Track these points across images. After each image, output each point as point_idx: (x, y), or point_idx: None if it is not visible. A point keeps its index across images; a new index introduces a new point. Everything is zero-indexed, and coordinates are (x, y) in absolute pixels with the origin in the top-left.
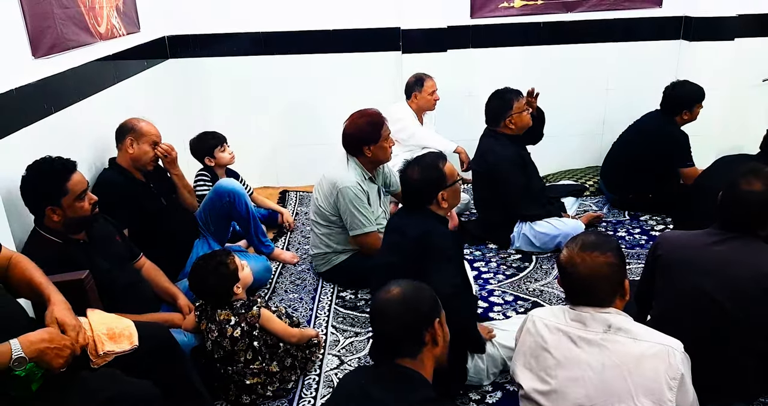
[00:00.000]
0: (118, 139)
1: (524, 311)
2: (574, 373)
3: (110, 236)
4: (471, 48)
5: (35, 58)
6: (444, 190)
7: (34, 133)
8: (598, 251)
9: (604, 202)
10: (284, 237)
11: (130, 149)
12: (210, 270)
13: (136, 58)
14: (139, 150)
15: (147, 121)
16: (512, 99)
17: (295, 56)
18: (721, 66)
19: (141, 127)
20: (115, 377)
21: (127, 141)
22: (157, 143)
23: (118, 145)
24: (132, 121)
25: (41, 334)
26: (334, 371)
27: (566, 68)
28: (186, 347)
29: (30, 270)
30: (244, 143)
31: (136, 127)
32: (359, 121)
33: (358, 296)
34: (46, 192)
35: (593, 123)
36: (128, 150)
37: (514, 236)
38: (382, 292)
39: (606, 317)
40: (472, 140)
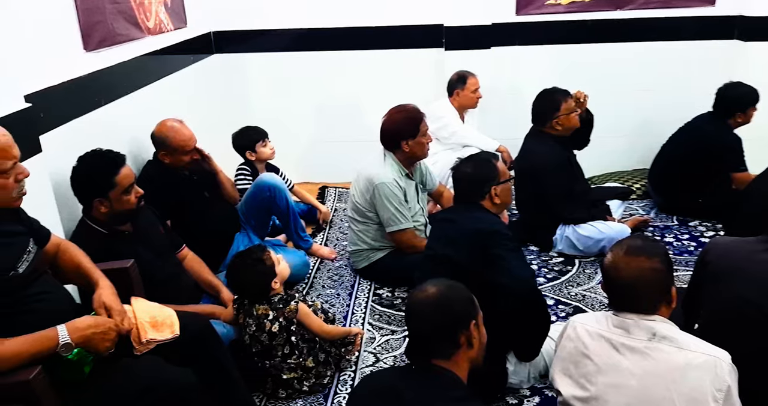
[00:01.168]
0: (155, 146)
1: (565, 315)
2: (614, 380)
3: (154, 227)
4: (515, 45)
5: (86, 51)
6: (496, 185)
7: (84, 125)
8: (645, 255)
9: (651, 206)
10: (323, 233)
11: (166, 160)
12: (247, 268)
13: (182, 53)
14: (173, 160)
15: (176, 126)
16: (560, 99)
17: (337, 53)
18: None
19: (171, 142)
20: (156, 365)
21: (161, 154)
22: (188, 151)
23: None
24: (162, 131)
25: (87, 320)
26: (369, 368)
27: (614, 67)
28: (225, 339)
29: (78, 257)
30: (284, 139)
31: (166, 142)
32: (397, 116)
33: (395, 294)
34: (94, 185)
35: (641, 124)
36: (165, 160)
37: (557, 239)
38: (418, 291)
39: (650, 324)
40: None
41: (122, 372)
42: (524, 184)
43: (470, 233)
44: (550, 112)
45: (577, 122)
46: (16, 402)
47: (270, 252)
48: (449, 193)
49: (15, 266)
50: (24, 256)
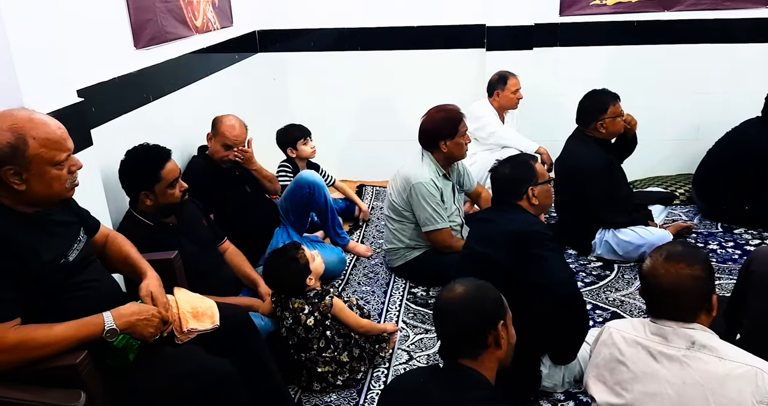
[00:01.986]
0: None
1: (602, 321)
2: (651, 388)
3: (197, 220)
4: (558, 47)
5: (137, 48)
6: (534, 186)
7: (133, 120)
8: (685, 262)
9: (695, 212)
10: (359, 230)
11: (209, 144)
12: (282, 266)
13: (228, 51)
14: (212, 147)
15: (233, 121)
16: (608, 102)
17: (378, 52)
18: None
19: (219, 128)
20: (197, 354)
21: (209, 134)
22: (230, 146)
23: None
24: (221, 118)
25: (132, 307)
26: (402, 366)
27: (659, 69)
28: (263, 331)
29: (126, 247)
30: (324, 137)
31: (217, 126)
32: (436, 116)
33: (430, 293)
34: (141, 178)
35: (687, 128)
36: (208, 144)
37: (596, 243)
38: (446, 290)
39: (690, 332)
40: (554, 141)
41: (164, 360)
42: (565, 186)
43: (510, 233)
44: (596, 114)
45: (622, 127)
46: (62, 385)
47: (304, 249)
48: (487, 193)
49: (66, 254)
50: (75, 244)
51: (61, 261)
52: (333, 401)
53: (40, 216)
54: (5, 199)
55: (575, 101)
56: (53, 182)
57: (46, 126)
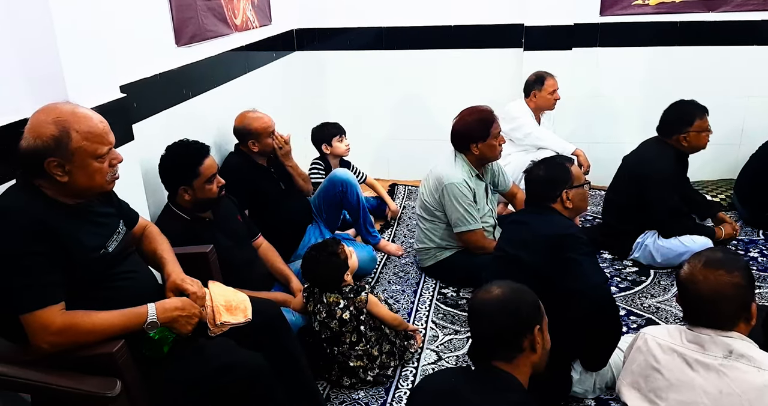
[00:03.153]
0: (241, 141)
1: (636, 327)
2: (687, 397)
3: (232, 215)
4: (598, 47)
5: (178, 46)
6: (569, 189)
7: (173, 115)
8: (724, 269)
9: (736, 218)
10: (390, 229)
11: (255, 148)
12: (323, 260)
13: (266, 49)
14: (261, 146)
15: (255, 114)
16: (695, 115)
17: (414, 51)
18: None
19: (256, 128)
20: (229, 347)
21: (250, 143)
22: (271, 132)
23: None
24: (243, 122)
25: (175, 302)
26: (431, 366)
27: (702, 71)
28: (294, 327)
29: (157, 242)
30: (358, 135)
31: (251, 129)
32: (469, 118)
33: (460, 295)
34: (180, 173)
35: (730, 132)
36: (253, 149)
37: (636, 246)
38: (482, 291)
39: (728, 341)
40: (592, 143)
41: (198, 352)
42: (623, 189)
43: (544, 236)
44: (681, 126)
45: (706, 143)
46: (99, 373)
47: (344, 246)
48: (523, 194)
49: (105, 245)
50: (114, 236)
51: (100, 251)
52: (361, 398)
53: (81, 207)
54: (48, 190)
55: (614, 102)
56: (95, 175)
57: (89, 120)
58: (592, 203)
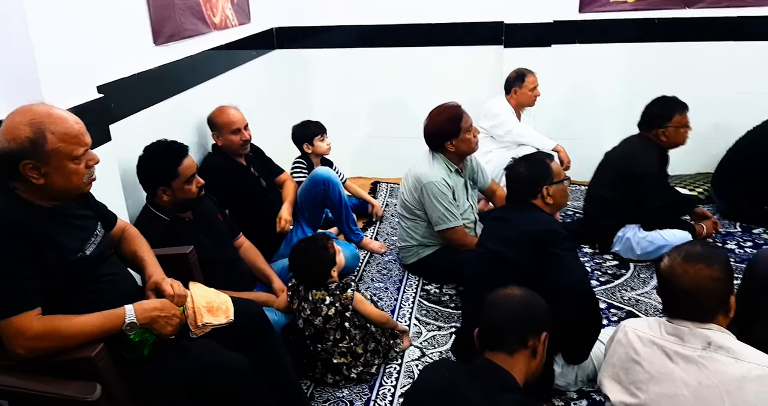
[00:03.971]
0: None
1: (617, 320)
2: (667, 389)
3: (213, 215)
4: (577, 44)
5: (156, 45)
6: (549, 185)
7: (152, 115)
8: (704, 263)
9: (713, 211)
10: (373, 227)
11: (219, 141)
12: (312, 253)
13: (246, 48)
14: (225, 141)
15: (227, 110)
16: (675, 110)
17: (395, 49)
18: None
19: (220, 120)
20: (212, 348)
21: (213, 135)
22: (238, 129)
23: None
24: (212, 115)
25: (154, 303)
26: (414, 362)
27: (679, 67)
28: (276, 326)
29: (137, 244)
30: (340, 133)
31: (215, 122)
32: (438, 118)
33: (443, 291)
34: (158, 174)
35: (707, 126)
36: (218, 142)
37: (616, 240)
38: (503, 289)
39: (706, 333)
40: (572, 139)
41: (180, 353)
42: (610, 183)
43: (525, 232)
44: (660, 120)
45: (685, 139)
46: (79, 377)
47: (333, 241)
48: (502, 191)
49: (83, 248)
50: (92, 239)
51: (78, 255)
52: (345, 396)
53: (57, 210)
54: (23, 193)
55: (594, 99)
56: (71, 176)
57: (65, 121)
58: (573, 198)
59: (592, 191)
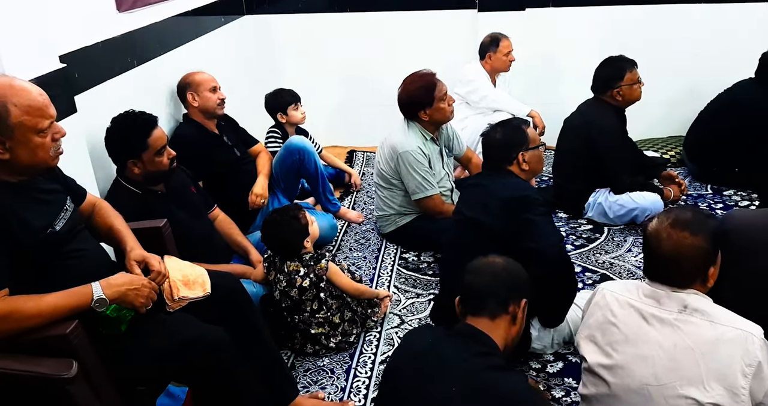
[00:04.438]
0: (181, 97)
1: (592, 283)
2: (642, 351)
3: (186, 188)
4: (551, 7)
5: (119, 11)
6: (525, 152)
7: (118, 85)
8: (690, 230)
9: (685, 174)
10: (350, 196)
11: (195, 102)
12: (283, 224)
13: (213, 13)
14: (201, 99)
15: (200, 71)
16: (624, 69)
17: (368, 14)
18: None
19: (195, 79)
20: (189, 322)
21: (189, 96)
22: (215, 88)
23: (184, 103)
24: (185, 76)
25: (121, 277)
26: (394, 330)
27: (652, 30)
28: (254, 297)
29: (111, 218)
30: (314, 102)
31: (191, 81)
32: (411, 87)
33: (421, 259)
34: (128, 146)
35: (679, 90)
36: (193, 104)
37: (589, 205)
38: (485, 257)
39: (683, 296)
40: (546, 104)
41: (157, 328)
42: (571, 151)
43: (502, 198)
44: (612, 81)
45: (639, 95)
46: (55, 355)
47: (305, 212)
48: (478, 158)
49: (53, 224)
50: (61, 214)
51: (47, 231)
52: (326, 364)
53: (25, 185)
54: None
55: (568, 63)
56: (37, 150)
57: (28, 93)
58: (548, 164)
59: (557, 159)
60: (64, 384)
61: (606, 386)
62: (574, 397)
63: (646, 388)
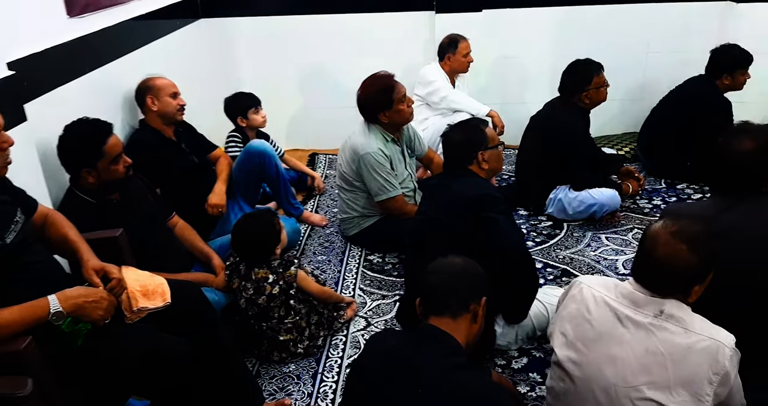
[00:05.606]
0: (140, 101)
1: (553, 278)
2: (613, 351)
3: (143, 196)
4: (508, 8)
5: (70, 17)
6: (484, 151)
7: (70, 92)
8: (688, 245)
9: (640, 169)
10: (313, 200)
11: (154, 107)
12: (258, 230)
13: (168, 17)
14: (161, 104)
15: (160, 76)
16: (592, 73)
17: (326, 16)
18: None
19: (155, 84)
20: (151, 333)
21: (148, 100)
22: (176, 94)
23: (142, 108)
24: (145, 80)
25: (78, 289)
26: (360, 332)
27: (606, 29)
28: (217, 306)
29: (65, 228)
30: (274, 105)
31: (151, 85)
32: (370, 89)
33: (386, 260)
34: (82, 155)
35: (633, 87)
36: (152, 108)
37: (549, 202)
38: (441, 258)
39: (661, 301)
40: (505, 104)
41: (117, 341)
42: (536, 150)
43: (463, 198)
44: (580, 85)
45: (606, 96)
46: (8, 372)
47: (279, 218)
48: (439, 159)
49: (2, 236)
50: (12, 226)
51: None
52: (292, 370)
53: None
54: None
55: (526, 63)
56: None
57: None
58: (507, 163)
59: (521, 156)
60: (20, 403)
61: (572, 381)
62: (539, 391)
63: (613, 388)
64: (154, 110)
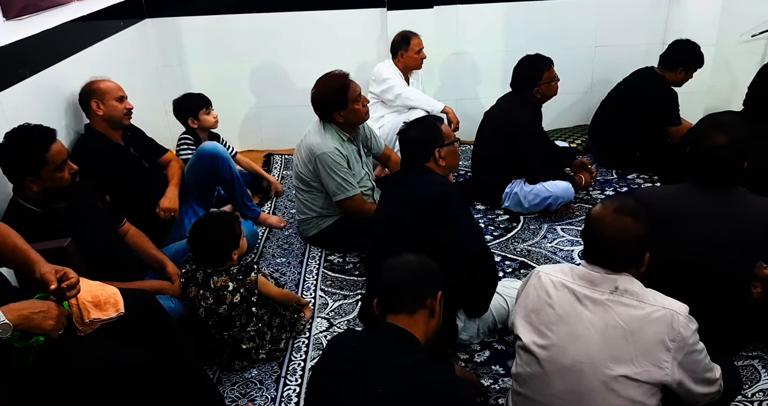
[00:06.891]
0: (84, 105)
1: (512, 271)
2: (575, 330)
3: (91, 203)
4: (458, 5)
5: (6, 19)
6: (441, 148)
7: (9, 98)
8: (632, 217)
9: (592, 160)
10: (270, 201)
11: (99, 111)
12: (217, 229)
13: (112, 18)
14: (107, 108)
15: (105, 79)
16: (542, 68)
17: (276, 14)
18: (710, 22)
19: (100, 87)
20: (105, 345)
21: (93, 104)
22: (122, 97)
23: (87, 113)
24: (90, 83)
25: (25, 302)
26: (323, 334)
27: (555, 25)
28: (173, 314)
29: (12, 237)
30: (225, 106)
31: (95, 88)
32: (324, 89)
33: (346, 260)
34: (24, 163)
35: (582, 81)
36: (98, 112)
37: (505, 196)
38: (396, 256)
39: (615, 278)
40: (459, 100)
41: (69, 355)
42: (491, 146)
43: (422, 195)
44: (531, 80)
45: (556, 91)
46: None
47: (240, 223)
48: (397, 156)
49: None
50: None
51: None
52: (254, 376)
53: None
54: None
55: (478, 58)
56: None
57: None
58: (464, 158)
59: (477, 151)
60: None
61: (538, 365)
62: (502, 383)
63: (579, 365)
64: (100, 115)
